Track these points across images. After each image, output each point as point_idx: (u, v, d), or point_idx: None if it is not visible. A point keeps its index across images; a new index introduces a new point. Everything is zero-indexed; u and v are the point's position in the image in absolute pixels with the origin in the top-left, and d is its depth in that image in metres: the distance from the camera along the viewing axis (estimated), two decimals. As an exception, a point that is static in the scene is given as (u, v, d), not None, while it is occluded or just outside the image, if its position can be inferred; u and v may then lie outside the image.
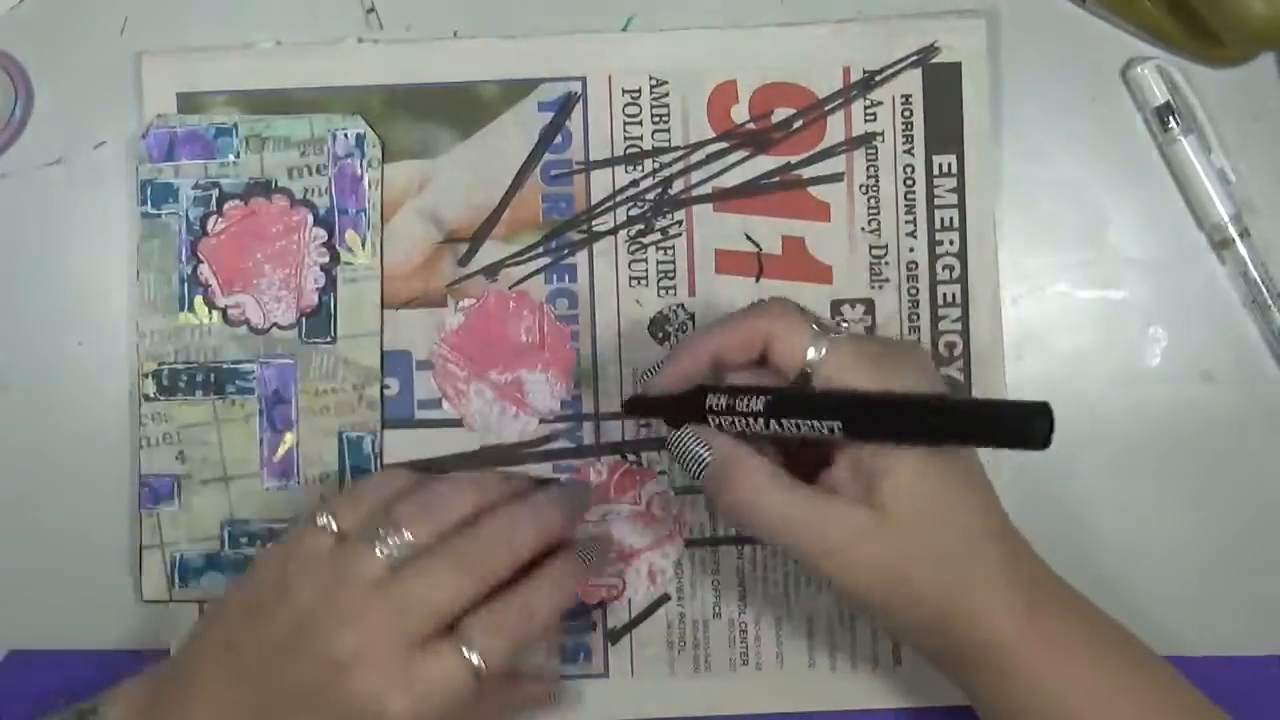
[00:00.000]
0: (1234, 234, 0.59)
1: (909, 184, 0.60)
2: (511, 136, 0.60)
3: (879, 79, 0.59)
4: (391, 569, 0.50)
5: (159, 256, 0.60)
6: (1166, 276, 0.60)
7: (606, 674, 0.60)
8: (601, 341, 0.60)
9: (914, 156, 0.60)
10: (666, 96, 0.60)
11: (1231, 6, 0.55)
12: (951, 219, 0.60)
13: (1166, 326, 0.60)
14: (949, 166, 0.60)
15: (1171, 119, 0.59)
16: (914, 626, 0.53)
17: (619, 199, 0.60)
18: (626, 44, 0.60)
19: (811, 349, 0.51)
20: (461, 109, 0.60)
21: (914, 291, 0.60)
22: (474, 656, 0.50)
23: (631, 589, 0.59)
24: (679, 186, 0.60)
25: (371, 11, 0.60)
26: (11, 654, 0.60)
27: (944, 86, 0.59)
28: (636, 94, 0.60)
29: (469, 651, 0.50)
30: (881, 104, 0.60)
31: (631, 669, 0.60)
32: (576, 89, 0.60)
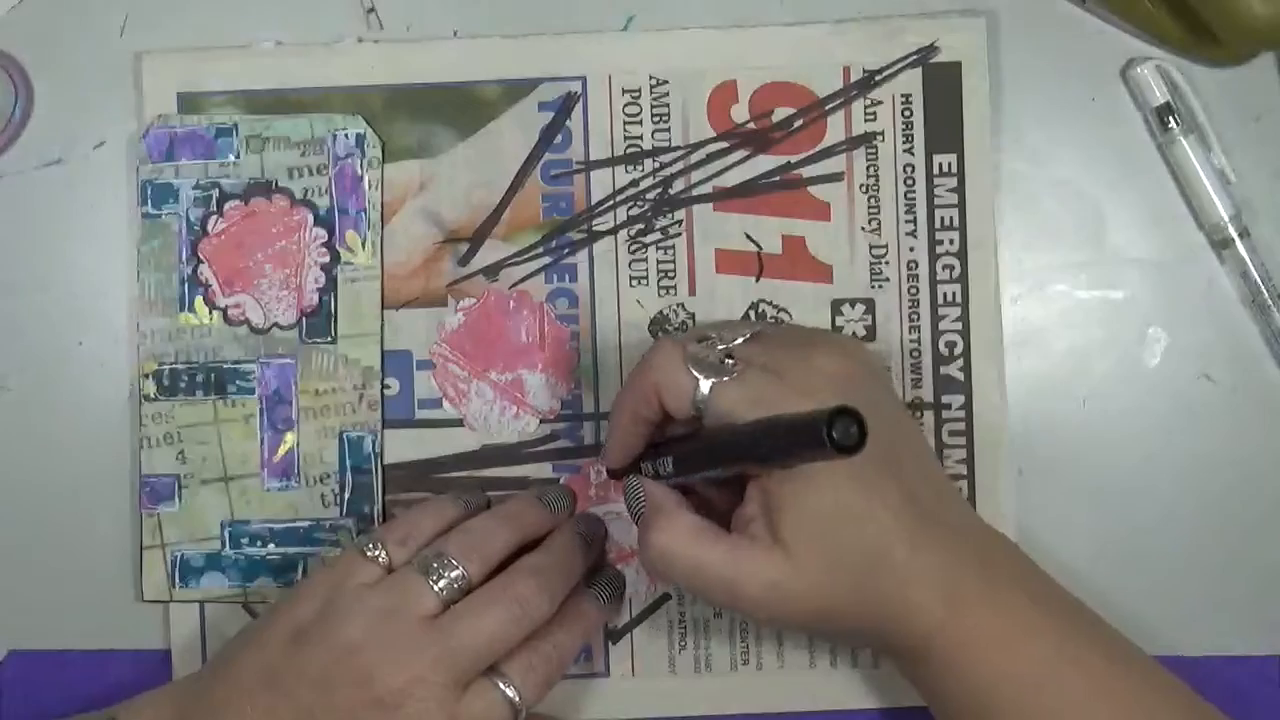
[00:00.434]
0: (1234, 234, 0.59)
1: (909, 184, 0.60)
2: (511, 136, 0.60)
3: (879, 79, 0.59)
4: (444, 604, 0.51)
5: (159, 256, 0.60)
6: (1166, 276, 0.60)
7: (607, 673, 0.60)
8: (601, 341, 0.60)
9: (914, 156, 0.60)
10: (666, 96, 0.60)
11: (1231, 6, 0.55)
12: (951, 219, 0.60)
13: (1166, 326, 0.60)
14: (949, 166, 0.60)
15: (1171, 119, 0.59)
16: (843, 639, 0.57)
17: (619, 199, 0.60)
18: (626, 44, 0.60)
19: (691, 398, 0.51)
20: (461, 109, 0.60)
21: (914, 291, 0.60)
22: (514, 695, 0.51)
23: (632, 589, 0.59)
24: (679, 186, 0.60)
25: (371, 11, 0.60)
26: (11, 654, 0.60)
27: (944, 86, 0.59)
28: (636, 94, 0.60)
29: (509, 690, 0.51)
30: (881, 104, 0.60)
31: (632, 668, 0.60)
32: (576, 89, 0.60)
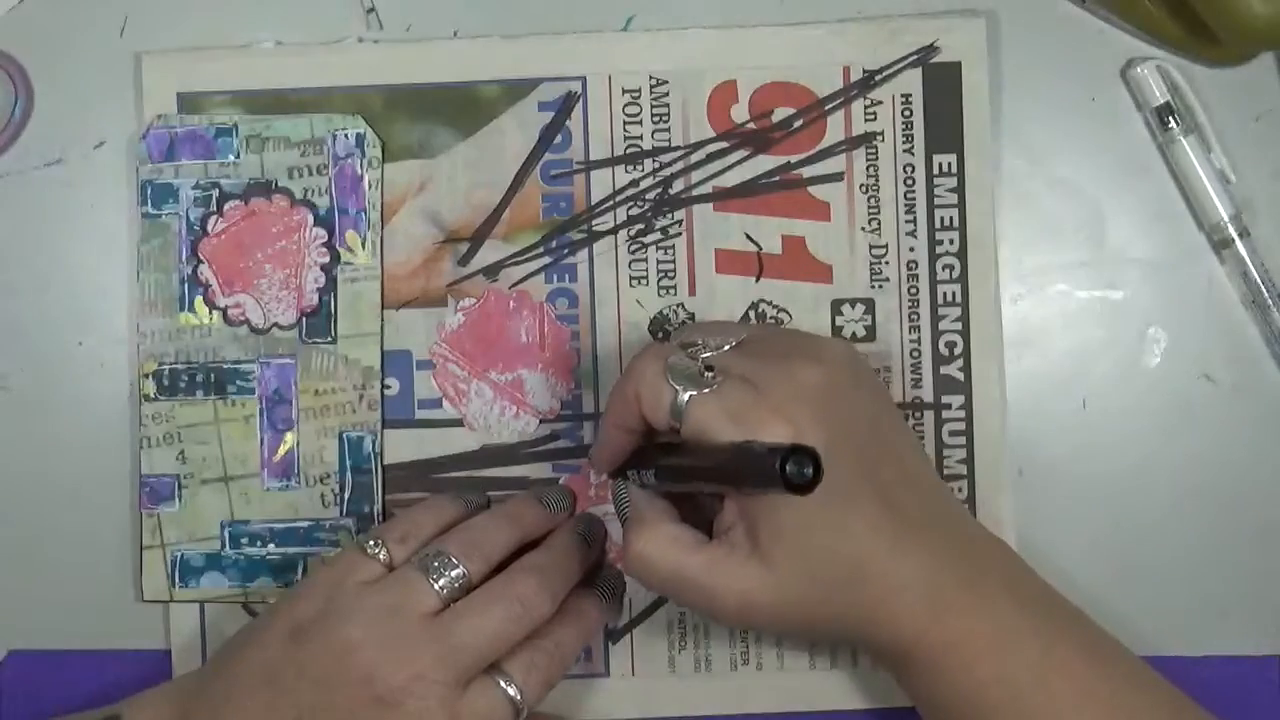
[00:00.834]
0: (1234, 234, 0.59)
1: (909, 184, 0.60)
2: (511, 136, 0.60)
3: (879, 79, 0.59)
4: (445, 603, 0.51)
5: (159, 256, 0.60)
6: (1166, 276, 0.60)
7: (607, 673, 0.60)
8: (601, 341, 0.60)
9: (914, 156, 0.60)
10: (666, 96, 0.60)
11: (1231, 6, 0.55)
12: (951, 219, 0.60)
13: (1166, 326, 0.60)
14: (949, 166, 0.60)
15: (1171, 119, 0.59)
16: (824, 643, 0.57)
17: (619, 199, 0.60)
18: (626, 44, 0.60)
19: (669, 409, 0.51)
20: (461, 109, 0.60)
21: (914, 291, 0.60)
22: (515, 693, 0.51)
23: (632, 589, 0.59)
24: (679, 186, 0.60)
25: (371, 11, 0.60)
26: (11, 654, 0.60)
27: (944, 86, 0.59)
28: (636, 94, 0.60)
29: (511, 689, 0.51)
30: (881, 104, 0.60)
31: (632, 668, 0.60)
32: (576, 89, 0.60)
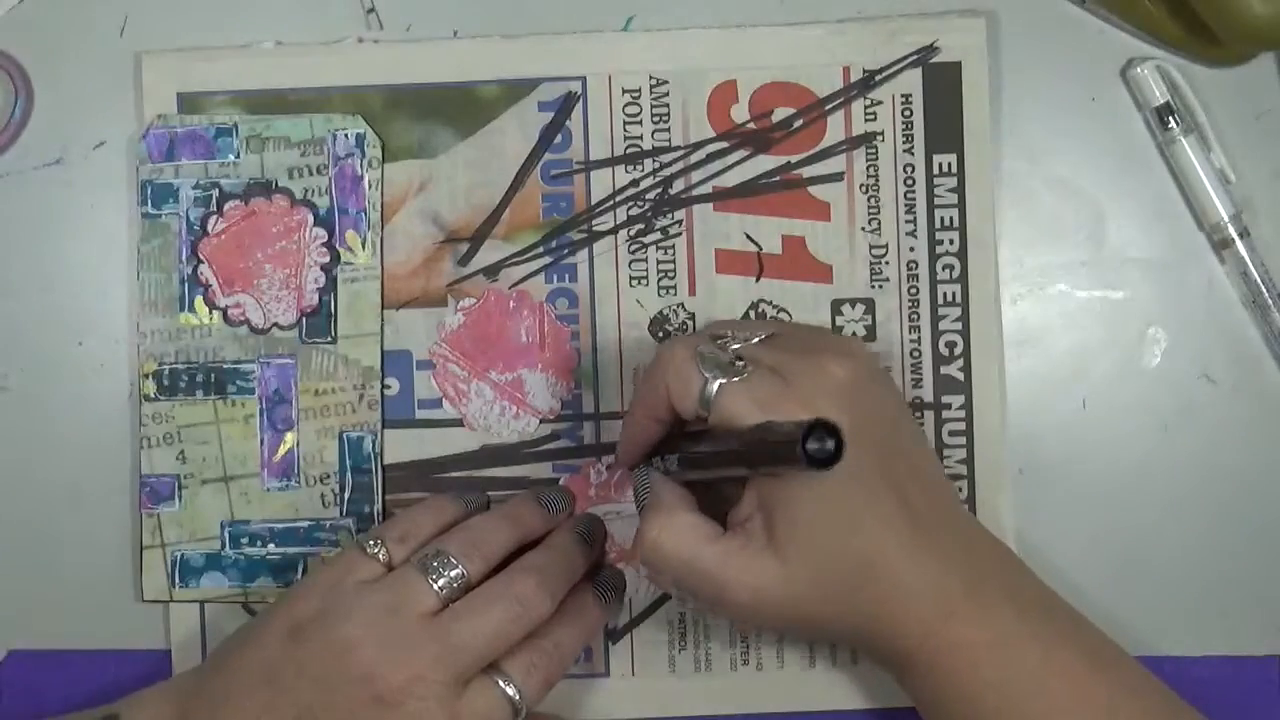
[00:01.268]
0: (1234, 234, 0.59)
1: (909, 184, 0.60)
2: (511, 136, 0.60)
3: (879, 79, 0.59)
4: (444, 602, 0.51)
5: (159, 256, 0.60)
6: (1166, 276, 0.60)
7: (607, 673, 0.60)
8: (601, 341, 0.60)
9: (914, 156, 0.60)
10: (666, 96, 0.60)
11: (1231, 6, 0.55)
12: (951, 219, 0.60)
13: (1166, 326, 0.60)
14: (949, 166, 0.60)
15: (1171, 119, 0.59)
16: (827, 642, 0.58)
17: (619, 199, 0.60)
18: (626, 44, 0.60)
19: (699, 397, 0.51)
20: (461, 109, 0.60)
21: (914, 291, 0.60)
22: (515, 693, 0.51)
23: (632, 589, 0.59)
24: (679, 186, 0.60)
25: (371, 11, 0.60)
26: (11, 654, 0.60)
27: (944, 86, 0.59)
28: (636, 94, 0.60)
29: (510, 688, 0.51)
30: (881, 104, 0.60)
31: (632, 668, 0.60)
32: (576, 89, 0.60)
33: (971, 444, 0.59)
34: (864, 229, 0.60)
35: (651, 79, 0.60)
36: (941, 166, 0.60)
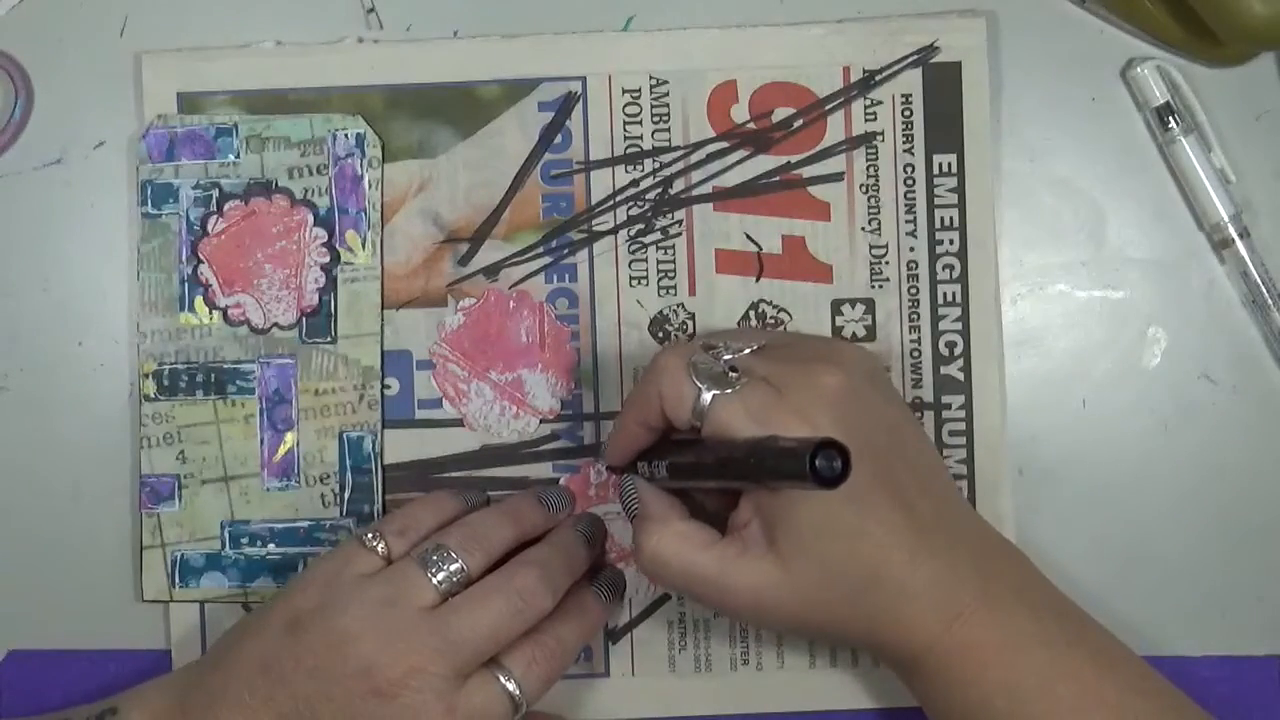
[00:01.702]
0: (1234, 234, 0.59)
1: (909, 184, 0.60)
2: (511, 136, 0.60)
3: (879, 79, 0.59)
4: (443, 596, 0.51)
5: (159, 256, 0.60)
6: (1166, 276, 0.60)
7: (607, 673, 0.60)
8: (601, 341, 0.60)
9: (914, 156, 0.60)
10: (666, 96, 0.60)
11: (1231, 6, 0.55)
12: (951, 219, 0.60)
13: (1166, 326, 0.60)
14: (949, 166, 0.60)
15: (1171, 119, 0.59)
16: (831, 643, 0.58)
17: (619, 199, 0.60)
18: (626, 44, 0.60)
19: (692, 408, 0.51)
20: (461, 109, 0.60)
21: (914, 291, 0.60)
22: (514, 688, 0.51)
23: (632, 589, 0.59)
24: (679, 186, 0.60)
25: (371, 11, 0.60)
26: (11, 654, 0.60)
27: (944, 86, 0.59)
28: (636, 94, 0.60)
29: (510, 684, 0.51)
30: (881, 104, 0.60)
31: (632, 668, 0.60)
32: (576, 89, 0.60)
33: (971, 444, 0.59)
34: (864, 229, 0.60)
35: (651, 79, 0.60)
36: (941, 166, 0.60)
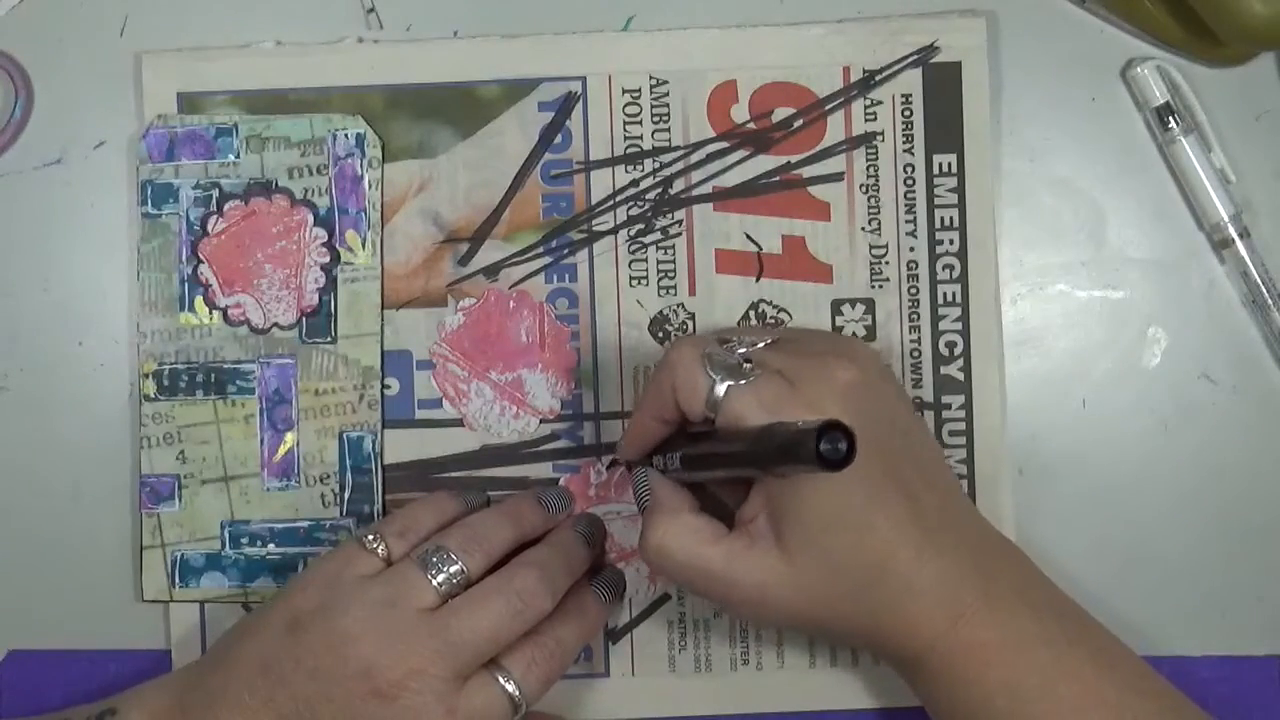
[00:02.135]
0: (1234, 234, 0.59)
1: (909, 184, 0.60)
2: (511, 136, 0.60)
3: (879, 79, 0.59)
4: (443, 598, 0.51)
5: (159, 256, 0.60)
6: (1166, 276, 0.60)
7: (607, 673, 0.60)
8: (601, 341, 0.60)
9: (914, 156, 0.60)
10: (666, 96, 0.60)
11: (1231, 7, 0.55)
12: (951, 219, 0.60)
13: (1166, 326, 0.60)
14: (949, 166, 0.60)
15: (1171, 119, 0.59)
16: (838, 642, 0.58)
17: (619, 199, 0.60)
18: (626, 44, 0.60)
19: (705, 399, 0.51)
20: (461, 109, 0.60)
21: (914, 291, 0.60)
22: (514, 689, 0.51)
23: (632, 589, 0.59)
24: (679, 186, 0.60)
25: (371, 11, 0.60)
26: (11, 654, 0.60)
27: (944, 86, 0.59)
28: (636, 94, 0.60)
29: (510, 685, 0.51)
30: (881, 104, 0.60)
31: (632, 668, 0.60)
32: (576, 89, 0.60)
33: (971, 444, 0.59)
34: (864, 229, 0.60)
35: (651, 79, 0.60)
36: (941, 166, 0.60)
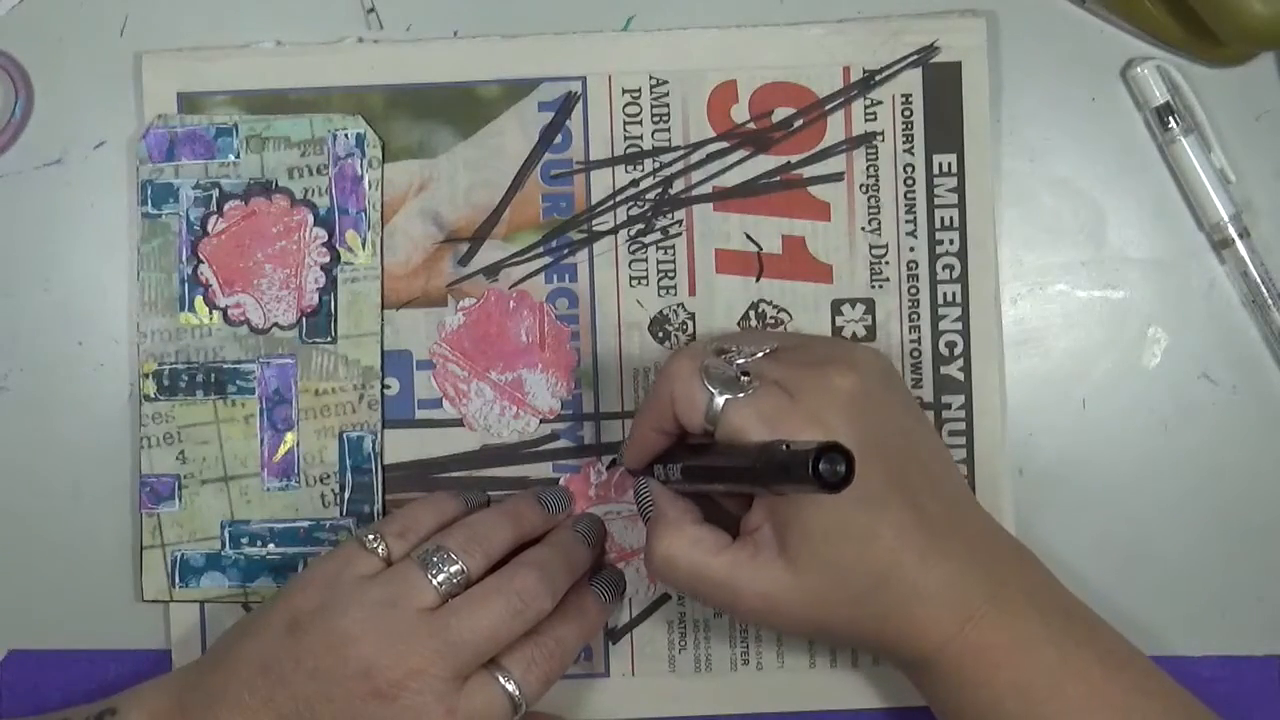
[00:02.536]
0: (1234, 234, 0.59)
1: (909, 184, 0.60)
2: (511, 136, 0.60)
3: (879, 79, 0.59)
4: (443, 598, 0.51)
5: (159, 256, 0.60)
6: (1166, 276, 0.60)
7: (607, 673, 0.60)
8: (601, 341, 0.60)
9: (914, 156, 0.60)
10: (666, 96, 0.60)
11: (1231, 7, 0.55)
12: (951, 219, 0.60)
13: (1166, 326, 0.60)
14: (949, 166, 0.60)
15: (1171, 119, 0.59)
16: (846, 647, 0.58)
17: (619, 199, 0.60)
18: (626, 44, 0.60)
19: (704, 412, 0.51)
20: (461, 109, 0.60)
21: (914, 291, 0.60)
22: (514, 689, 0.51)
23: (632, 589, 0.59)
24: (679, 186, 0.60)
25: (371, 11, 0.60)
26: (11, 654, 0.60)
27: (944, 86, 0.59)
28: (636, 94, 0.60)
29: (510, 684, 0.51)
30: (881, 104, 0.60)
31: (632, 668, 0.60)
32: (576, 89, 0.60)
33: (971, 444, 0.59)
34: (864, 229, 0.60)
35: (651, 79, 0.60)
36: (941, 166, 0.60)
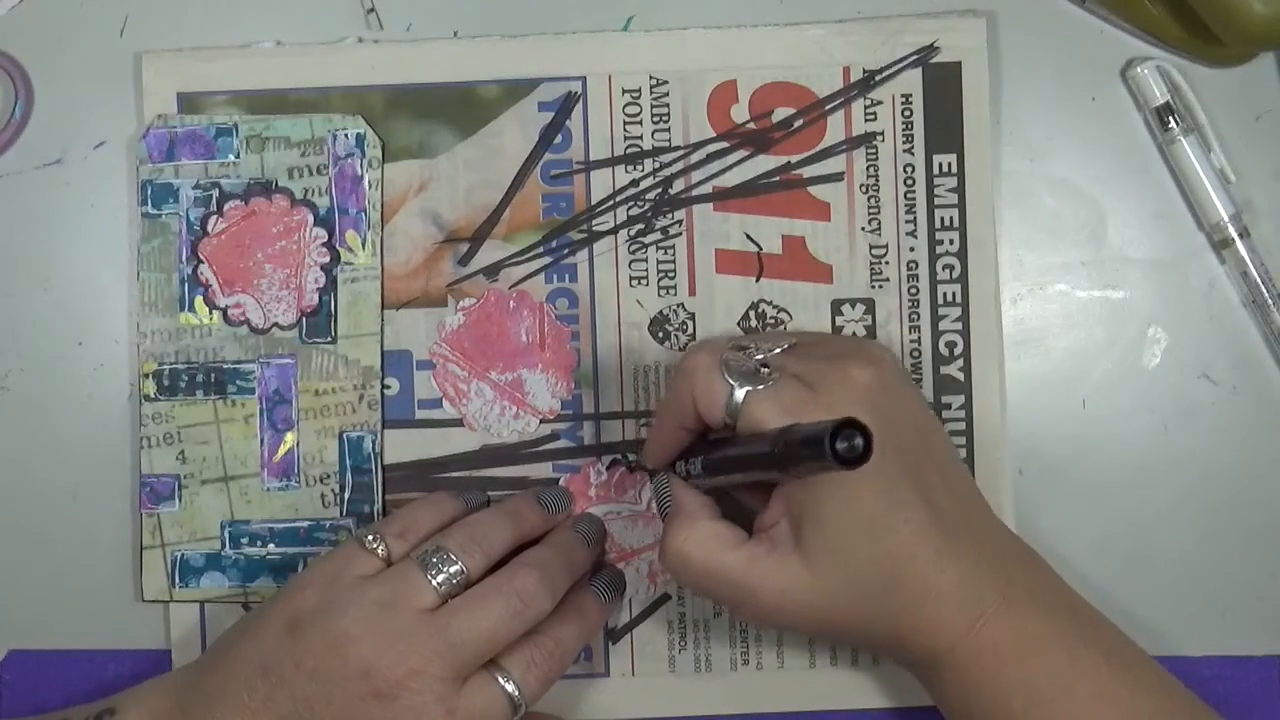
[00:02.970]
0: (1234, 234, 0.59)
1: (909, 184, 0.60)
2: (511, 136, 0.60)
3: (879, 79, 0.59)
4: (443, 598, 0.51)
5: (159, 256, 0.60)
6: (1166, 276, 0.60)
7: (607, 673, 0.60)
8: (601, 341, 0.60)
9: (914, 156, 0.60)
10: (666, 96, 0.60)
11: (1231, 7, 0.55)
12: (951, 219, 0.60)
13: (1166, 326, 0.60)
14: (949, 166, 0.60)
15: (1171, 119, 0.59)
16: (855, 646, 0.58)
17: (619, 199, 0.60)
18: (626, 44, 0.60)
19: (725, 405, 0.51)
20: (461, 109, 0.60)
21: (914, 291, 0.60)
22: (514, 689, 0.51)
23: (632, 589, 0.59)
24: (679, 186, 0.60)
25: (371, 11, 0.60)
26: (11, 654, 0.60)
27: (944, 86, 0.59)
28: (636, 94, 0.60)
29: (509, 685, 0.51)
30: (881, 104, 0.60)
31: (632, 668, 0.60)
32: (576, 89, 0.60)
33: (971, 444, 0.59)
34: (864, 229, 0.60)
35: (651, 79, 0.60)
36: (941, 166, 0.60)
